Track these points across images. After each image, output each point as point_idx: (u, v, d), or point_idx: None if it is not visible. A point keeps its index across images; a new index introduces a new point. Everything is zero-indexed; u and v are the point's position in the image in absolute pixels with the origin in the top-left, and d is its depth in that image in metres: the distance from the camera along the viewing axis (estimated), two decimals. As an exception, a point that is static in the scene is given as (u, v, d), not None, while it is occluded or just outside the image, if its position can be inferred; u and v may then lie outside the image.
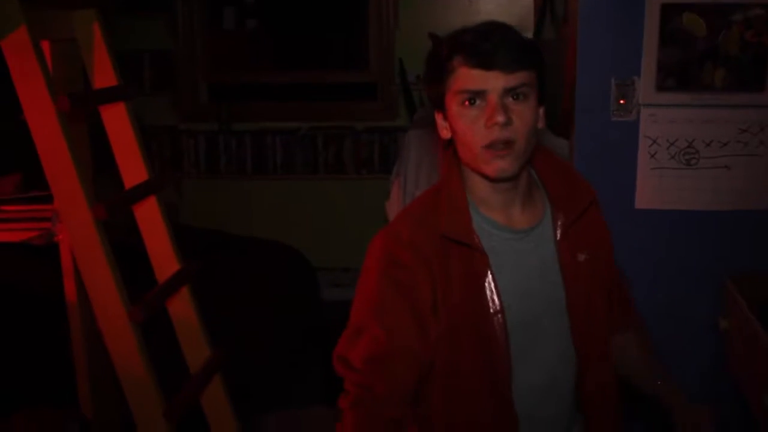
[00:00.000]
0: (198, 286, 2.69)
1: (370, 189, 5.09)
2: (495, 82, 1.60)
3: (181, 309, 2.63)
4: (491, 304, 1.70)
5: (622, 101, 2.51)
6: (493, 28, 1.65)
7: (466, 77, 1.62)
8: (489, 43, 1.61)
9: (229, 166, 5.31)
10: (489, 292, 1.70)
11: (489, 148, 1.62)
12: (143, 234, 2.61)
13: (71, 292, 2.54)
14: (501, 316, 1.70)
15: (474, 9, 4.99)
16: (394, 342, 1.67)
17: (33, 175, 2.52)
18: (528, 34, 4.53)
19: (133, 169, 2.56)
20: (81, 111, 2.45)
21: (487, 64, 1.60)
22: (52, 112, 2.18)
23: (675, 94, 2.50)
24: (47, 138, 2.21)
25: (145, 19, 5.25)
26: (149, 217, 2.59)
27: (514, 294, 1.72)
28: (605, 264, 1.83)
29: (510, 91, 1.61)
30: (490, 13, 4.98)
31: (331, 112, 5.38)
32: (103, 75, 2.51)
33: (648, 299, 2.55)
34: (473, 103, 1.62)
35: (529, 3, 4.86)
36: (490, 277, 1.70)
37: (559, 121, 3.24)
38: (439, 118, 1.73)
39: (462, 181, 1.75)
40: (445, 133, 1.72)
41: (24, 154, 2.51)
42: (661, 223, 2.56)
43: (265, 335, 3.89)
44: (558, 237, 1.75)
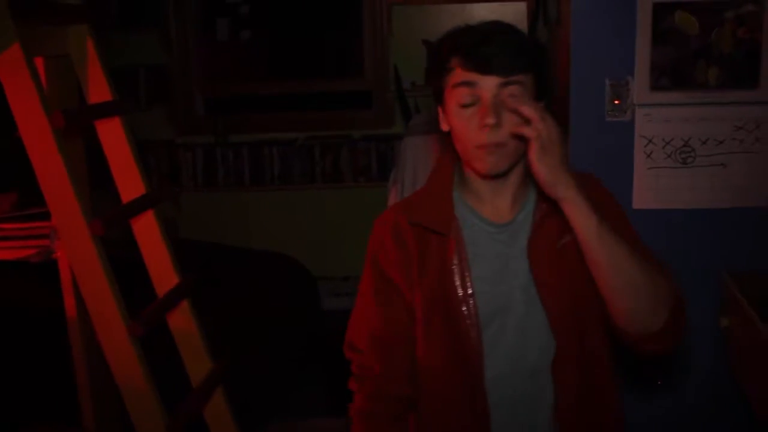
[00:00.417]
0: (198, 298, 2.69)
1: (368, 197, 5.09)
2: (488, 85, 1.65)
3: (182, 322, 2.63)
4: (460, 291, 1.75)
5: (616, 102, 2.51)
6: (492, 30, 1.69)
7: (462, 78, 1.67)
8: (486, 48, 1.65)
9: (226, 178, 5.31)
10: (459, 278, 1.76)
11: (481, 148, 1.67)
12: (141, 248, 2.60)
13: (71, 308, 2.53)
14: (472, 301, 1.75)
15: (467, 14, 4.99)
16: (388, 323, 1.82)
17: (30, 192, 2.51)
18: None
19: (130, 183, 2.55)
20: (76, 127, 2.45)
21: (482, 68, 1.64)
22: (46, 129, 2.18)
23: (669, 93, 2.50)
24: (43, 155, 2.21)
25: (138, 33, 5.26)
26: (147, 231, 2.58)
27: (489, 282, 1.76)
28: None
29: (502, 94, 1.65)
30: (484, 17, 4.97)
31: (328, 122, 5.38)
32: (98, 90, 2.50)
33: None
34: (468, 103, 1.67)
35: (522, 6, 4.87)
36: (461, 264, 1.76)
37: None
38: (440, 111, 1.78)
39: (453, 170, 1.83)
40: (445, 126, 1.78)
41: (20, 172, 2.50)
42: (658, 223, 2.56)
43: (266, 346, 3.88)
44: (533, 226, 1.76)
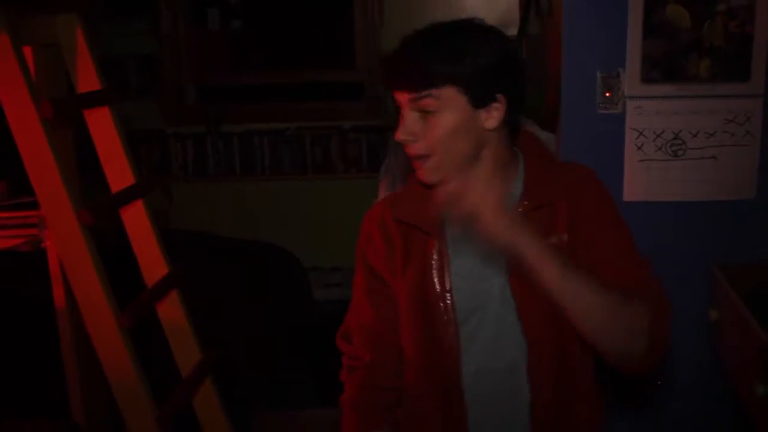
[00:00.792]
0: (188, 288, 2.68)
1: (359, 188, 5.08)
2: (403, 98, 1.65)
3: (171, 312, 2.62)
4: (438, 287, 1.75)
5: (607, 94, 2.51)
6: (411, 41, 1.66)
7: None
8: (396, 63, 1.65)
9: (217, 168, 5.30)
10: (438, 274, 1.75)
11: (412, 158, 1.69)
12: (131, 238, 2.60)
13: (60, 298, 2.53)
14: (450, 297, 1.74)
15: (459, 5, 4.98)
16: (379, 318, 1.84)
17: (19, 181, 2.50)
18: (513, 30, 4.52)
19: (119, 173, 2.55)
20: (65, 116, 2.44)
21: (390, 83, 1.66)
22: (35, 118, 2.17)
23: (661, 86, 2.50)
24: (31, 144, 2.20)
25: (129, 22, 5.23)
26: (137, 221, 2.58)
27: (468, 279, 1.75)
28: (584, 248, 1.71)
29: (414, 108, 1.64)
30: (475, 8, 4.97)
31: (318, 112, 5.37)
32: (87, 79, 2.49)
33: (638, 291, 2.55)
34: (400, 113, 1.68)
35: (514, -2, 4.86)
36: (441, 260, 1.75)
37: (545, 115, 3.24)
38: None
39: None
40: None
41: (9, 161, 2.49)
42: (649, 215, 2.56)
43: (257, 336, 3.88)
44: None
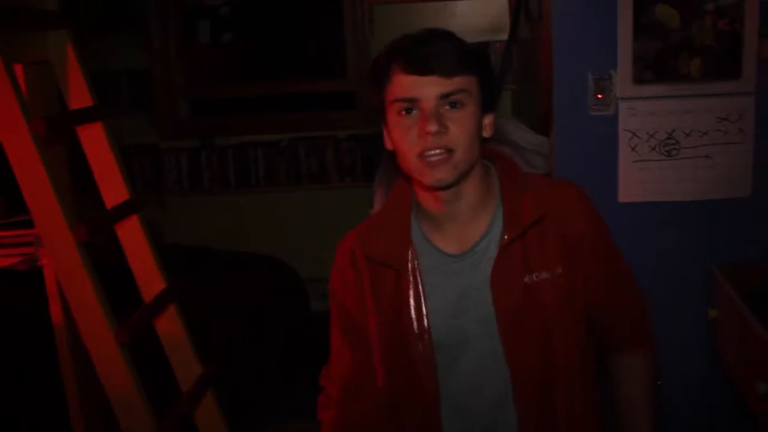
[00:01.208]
0: (185, 302, 2.67)
1: (354, 197, 5.08)
2: (430, 89, 1.55)
3: (169, 327, 2.62)
4: (416, 325, 1.68)
5: (599, 96, 2.51)
6: (431, 34, 1.61)
7: (402, 84, 1.57)
8: (425, 48, 1.56)
9: (212, 181, 5.29)
10: (416, 313, 1.68)
11: (422, 158, 1.57)
12: (127, 254, 2.59)
13: (57, 315, 2.52)
14: (427, 335, 1.68)
15: (449, 12, 4.99)
16: (355, 361, 1.77)
17: (14, 200, 2.50)
18: (504, 35, 4.53)
19: (113, 189, 2.54)
20: (57, 133, 2.43)
21: (422, 68, 1.55)
22: (27, 136, 2.17)
23: (652, 86, 2.51)
24: (24, 162, 2.20)
25: (119, 38, 5.22)
26: (132, 236, 2.57)
27: (444, 314, 1.69)
28: (578, 284, 1.70)
29: (445, 98, 1.56)
30: (465, 15, 4.98)
31: (312, 122, 5.36)
32: (79, 96, 2.49)
33: (636, 292, 2.55)
34: (409, 112, 1.58)
35: (504, 4, 4.87)
36: (419, 299, 1.68)
37: (538, 118, 3.24)
38: (384, 130, 1.68)
39: (410, 197, 1.73)
40: (388, 144, 1.67)
41: (3, 180, 2.49)
42: (645, 216, 2.57)
43: (255, 349, 3.87)
44: (497, 255, 1.66)
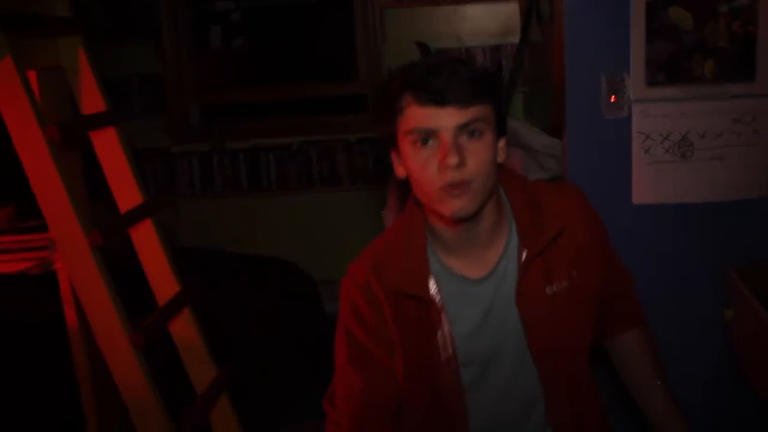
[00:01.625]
0: (199, 306, 2.68)
1: (366, 199, 5.08)
2: (447, 120, 1.52)
3: (184, 330, 2.62)
4: (443, 352, 1.68)
5: (613, 98, 2.50)
6: (443, 62, 1.56)
7: (417, 116, 1.54)
8: (440, 78, 1.52)
9: (224, 185, 5.30)
10: (441, 340, 1.68)
11: (444, 190, 1.55)
12: (141, 258, 2.60)
13: (72, 319, 2.53)
14: (454, 362, 1.68)
15: (459, 16, 4.99)
16: (368, 389, 1.73)
17: (27, 205, 2.51)
18: (515, 39, 4.52)
19: (127, 193, 2.55)
20: (71, 138, 2.44)
21: (438, 100, 1.52)
22: (41, 142, 2.17)
23: (666, 89, 2.49)
24: (38, 168, 2.21)
25: (131, 43, 5.25)
26: (146, 240, 2.58)
27: (469, 339, 1.69)
28: (592, 283, 1.74)
29: (463, 129, 1.53)
30: (476, 19, 4.98)
31: (323, 126, 5.37)
32: (92, 101, 2.50)
33: (650, 294, 2.53)
34: (425, 143, 1.55)
35: (515, 7, 4.86)
36: (444, 327, 1.68)
37: (552, 122, 3.24)
38: (394, 157, 1.66)
39: (424, 225, 1.70)
40: (401, 172, 1.65)
41: (17, 185, 2.50)
42: (659, 218, 2.56)
43: (269, 352, 3.87)
44: (519, 273, 1.67)
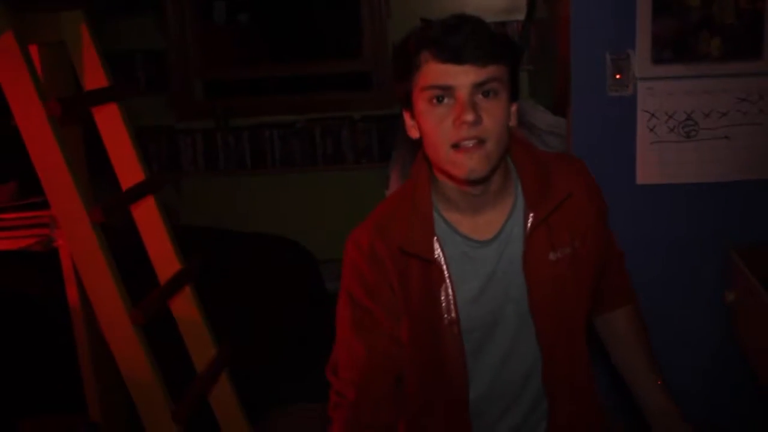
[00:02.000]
0: (201, 284, 2.68)
1: (370, 178, 5.07)
2: (464, 78, 1.53)
3: (185, 308, 2.62)
4: (446, 315, 1.68)
5: (618, 76, 2.48)
6: (462, 21, 1.56)
7: (435, 72, 1.54)
8: (459, 36, 1.52)
9: (227, 162, 5.28)
10: (445, 303, 1.68)
11: (457, 148, 1.55)
12: (143, 235, 2.60)
13: (73, 297, 2.53)
14: (456, 326, 1.68)
15: (466, -8, 4.96)
16: (370, 352, 1.72)
17: (30, 181, 2.50)
18: (520, 16, 4.49)
19: (128, 170, 2.54)
20: (73, 114, 2.43)
21: (457, 57, 1.52)
22: (43, 117, 2.17)
23: (671, 66, 2.47)
24: (39, 143, 2.20)
25: (135, 18, 5.22)
26: (148, 217, 2.57)
27: (472, 301, 1.69)
28: (592, 254, 1.75)
29: (480, 87, 1.53)
30: (482, -4, 4.95)
31: (327, 103, 5.35)
32: (94, 76, 2.49)
33: (653, 274, 2.53)
34: (441, 100, 1.55)
35: (521, -17, 4.83)
36: (447, 289, 1.67)
37: (556, 100, 3.22)
38: (407, 117, 1.66)
39: (430, 184, 1.70)
40: (414, 133, 1.65)
41: (18, 161, 2.49)
42: (663, 198, 2.54)
43: (272, 330, 3.88)
44: (525, 236, 1.68)
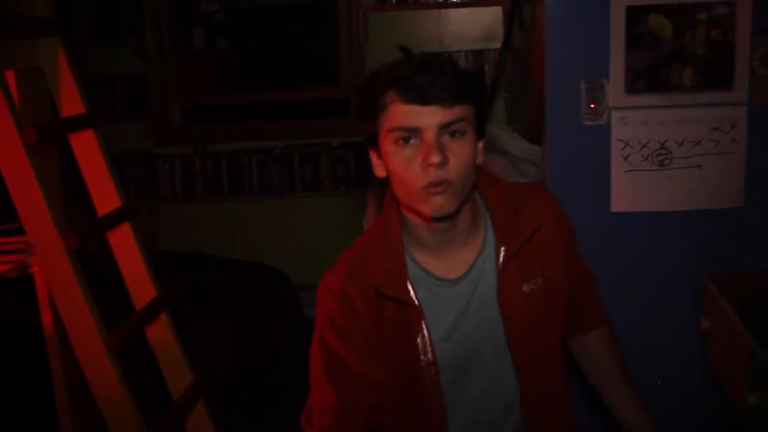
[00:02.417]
0: (178, 310, 2.67)
1: (348, 205, 5.08)
2: (431, 119, 1.52)
3: (161, 335, 2.61)
4: (423, 357, 1.67)
5: (592, 105, 2.52)
6: (428, 60, 1.55)
7: (401, 113, 1.53)
8: (425, 76, 1.51)
9: (205, 188, 5.28)
10: (421, 344, 1.67)
11: (426, 189, 1.54)
12: (118, 261, 2.58)
13: (48, 323, 2.51)
14: (433, 367, 1.68)
15: (443, 20, 5.00)
16: (343, 402, 1.71)
17: (4, 207, 2.49)
18: (498, 44, 4.53)
19: (105, 196, 2.53)
20: (49, 140, 2.43)
21: (423, 98, 1.51)
22: (18, 144, 2.16)
23: (645, 96, 2.51)
24: (15, 170, 2.19)
25: (114, 44, 5.22)
26: (124, 244, 2.56)
27: (448, 341, 1.69)
28: (561, 279, 1.75)
29: (446, 128, 1.53)
30: (460, 23, 4.99)
31: (306, 130, 5.36)
32: (71, 103, 2.48)
33: (627, 301, 2.55)
34: (408, 141, 1.54)
35: (498, 12, 4.88)
36: (423, 331, 1.67)
37: (531, 128, 3.24)
38: (374, 156, 1.65)
39: (400, 225, 1.69)
40: (380, 172, 1.64)
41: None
42: (637, 225, 2.57)
43: (248, 356, 3.86)
44: (498, 271, 1.68)
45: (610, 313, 1.97)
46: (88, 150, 2.50)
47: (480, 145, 1.64)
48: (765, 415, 2.09)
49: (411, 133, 1.54)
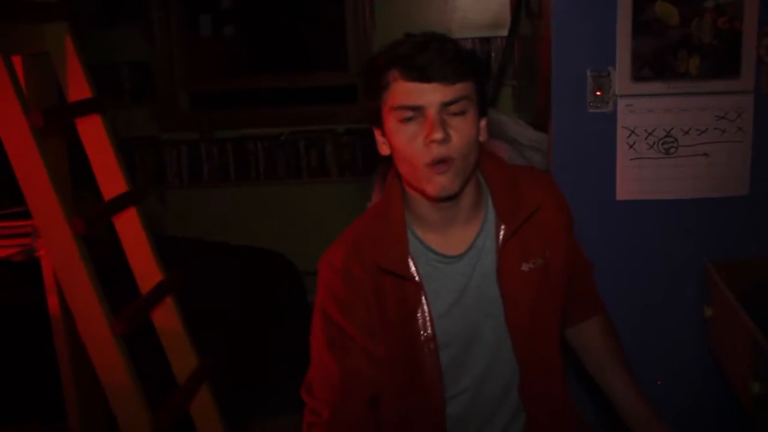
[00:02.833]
0: (183, 295, 2.68)
1: (354, 191, 5.08)
2: (433, 97, 1.55)
3: (166, 319, 2.62)
4: (423, 332, 1.69)
5: (598, 93, 2.51)
6: (430, 39, 1.58)
7: (403, 92, 1.56)
8: (426, 55, 1.54)
9: (212, 174, 5.29)
10: (421, 319, 1.69)
11: (431, 166, 1.57)
12: (124, 246, 2.59)
13: (54, 307, 2.52)
14: (433, 342, 1.69)
15: (450, 7, 4.99)
16: (346, 373, 1.72)
17: (11, 190, 2.50)
18: (504, 31, 4.52)
19: (111, 181, 2.54)
20: (56, 125, 2.43)
21: (424, 76, 1.54)
22: (25, 129, 2.17)
23: (651, 84, 2.50)
24: (22, 154, 2.20)
25: (121, 30, 5.22)
26: (130, 229, 2.57)
27: (448, 317, 1.71)
28: (561, 263, 1.77)
29: (448, 105, 1.56)
30: (467, 10, 4.97)
31: (312, 116, 5.36)
32: (77, 88, 2.49)
33: (632, 289, 2.55)
34: (411, 119, 1.57)
35: (505, 0, 4.87)
36: (423, 306, 1.69)
37: (537, 115, 3.24)
38: (378, 134, 1.68)
39: (403, 201, 1.71)
40: (384, 150, 1.67)
41: (1, 170, 2.49)
42: (642, 213, 2.56)
43: (253, 341, 3.87)
44: (498, 248, 1.71)
45: (614, 300, 1.98)
46: (94, 135, 2.51)
47: (483, 123, 1.65)
48: (768, 403, 2.10)
49: (413, 111, 1.56)
